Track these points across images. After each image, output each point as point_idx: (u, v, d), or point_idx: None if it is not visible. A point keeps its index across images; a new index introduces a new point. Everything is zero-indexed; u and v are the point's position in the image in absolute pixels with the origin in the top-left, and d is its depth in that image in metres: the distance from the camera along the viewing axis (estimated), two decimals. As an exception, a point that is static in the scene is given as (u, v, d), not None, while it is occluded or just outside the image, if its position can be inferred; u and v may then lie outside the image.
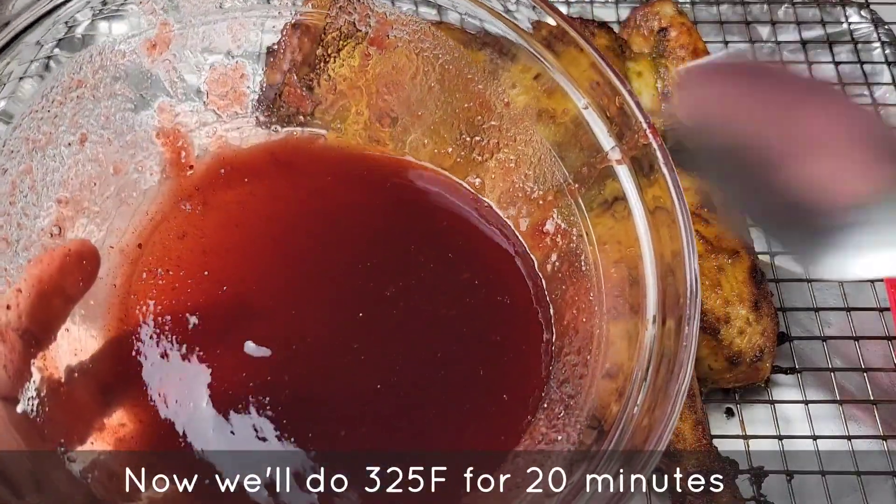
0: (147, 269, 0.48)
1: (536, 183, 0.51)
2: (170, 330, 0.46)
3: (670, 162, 0.42)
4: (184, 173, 0.52)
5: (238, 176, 0.52)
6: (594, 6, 0.82)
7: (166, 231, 0.49)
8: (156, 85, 0.51)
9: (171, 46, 0.50)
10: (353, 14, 0.51)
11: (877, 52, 0.79)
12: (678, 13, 0.67)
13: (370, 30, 0.52)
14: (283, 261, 0.49)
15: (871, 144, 0.33)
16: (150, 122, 0.51)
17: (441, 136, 0.53)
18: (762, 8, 0.82)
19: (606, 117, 0.46)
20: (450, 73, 0.52)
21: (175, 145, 0.52)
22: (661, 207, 0.42)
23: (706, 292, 0.54)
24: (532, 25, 0.47)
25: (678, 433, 0.50)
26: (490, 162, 0.52)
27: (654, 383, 0.38)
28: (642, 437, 0.37)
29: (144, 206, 0.50)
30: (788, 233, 0.38)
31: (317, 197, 0.51)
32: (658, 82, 0.65)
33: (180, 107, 0.52)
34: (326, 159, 0.54)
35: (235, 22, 0.52)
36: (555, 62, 0.48)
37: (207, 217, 0.50)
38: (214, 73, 0.53)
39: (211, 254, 0.48)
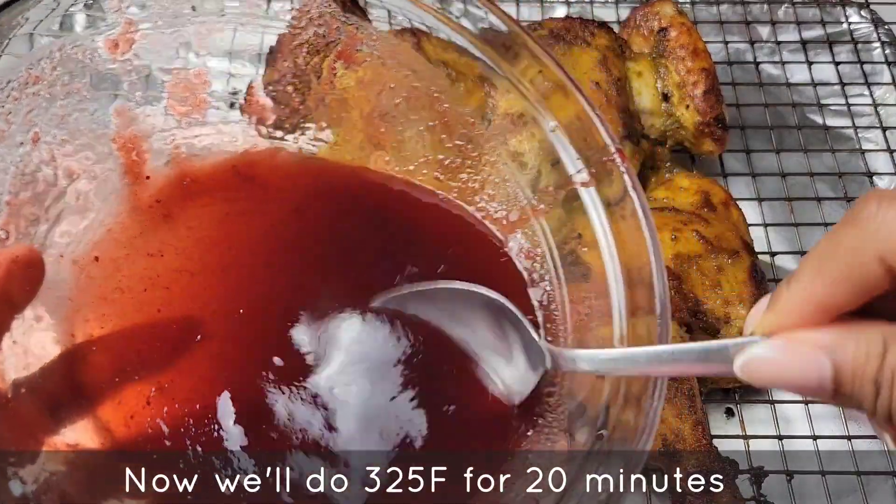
0: (104, 282, 0.46)
1: (501, 204, 0.51)
2: (125, 346, 0.44)
3: (638, 185, 0.42)
4: (141, 182, 0.50)
5: (200, 189, 0.50)
6: (594, 6, 0.82)
7: (125, 243, 0.48)
8: (115, 86, 0.49)
9: (134, 47, 0.48)
10: (322, 27, 0.51)
11: (877, 52, 0.79)
12: (678, 13, 0.67)
13: (339, 44, 0.51)
14: (247, 279, 0.47)
15: None
16: (106, 125, 0.49)
17: (404, 153, 0.53)
18: (762, 8, 0.82)
19: (574, 140, 0.45)
20: (417, 90, 0.51)
21: (132, 151, 0.50)
22: (629, 230, 0.41)
23: (706, 292, 0.54)
24: (506, 51, 0.47)
25: (678, 433, 0.50)
26: (453, 182, 0.52)
27: (627, 400, 0.38)
28: (625, 437, 0.37)
29: (100, 215, 0.48)
30: None
31: (280, 212, 0.50)
32: (658, 82, 0.65)
33: (139, 111, 0.50)
34: (289, 173, 0.52)
35: (203, 27, 0.50)
36: (524, 86, 0.47)
37: (169, 231, 0.48)
38: (177, 77, 0.51)
39: (172, 269, 0.47)
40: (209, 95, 0.52)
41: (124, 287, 0.46)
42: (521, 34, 0.45)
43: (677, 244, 0.55)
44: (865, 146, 0.73)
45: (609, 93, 0.60)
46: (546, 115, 0.46)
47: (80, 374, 0.43)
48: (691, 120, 0.64)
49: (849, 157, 0.72)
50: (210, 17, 0.50)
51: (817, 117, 0.75)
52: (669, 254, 0.54)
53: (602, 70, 0.61)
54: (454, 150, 0.51)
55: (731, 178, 0.70)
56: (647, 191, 0.63)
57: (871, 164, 0.72)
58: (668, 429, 0.50)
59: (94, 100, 0.48)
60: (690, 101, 0.64)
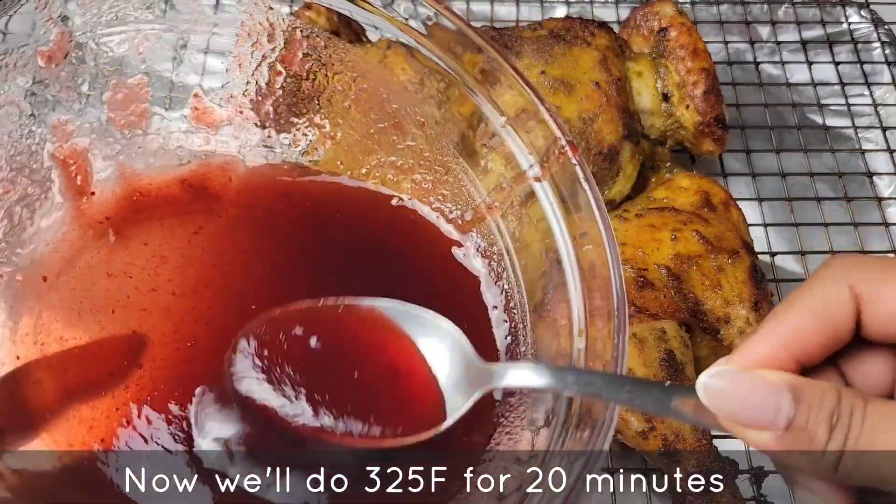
0: (53, 302, 0.46)
1: (455, 203, 0.50)
2: (73, 369, 0.44)
3: (590, 176, 0.42)
4: (85, 199, 0.49)
5: (151, 204, 0.50)
6: (594, 6, 0.82)
7: (75, 262, 0.47)
8: (51, 98, 0.47)
9: (70, 57, 0.47)
10: (265, 31, 0.50)
11: (877, 52, 0.79)
12: (678, 13, 0.67)
13: (280, 47, 0.50)
14: (207, 295, 0.47)
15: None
16: (43, 139, 0.47)
17: (356, 156, 0.52)
18: (762, 8, 0.82)
19: (525, 135, 0.45)
20: (366, 92, 0.51)
21: (71, 166, 0.48)
22: (584, 220, 0.41)
23: (706, 292, 0.54)
24: (456, 49, 0.47)
25: (678, 433, 0.50)
26: (405, 183, 0.52)
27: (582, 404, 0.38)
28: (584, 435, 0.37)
29: (45, 234, 0.47)
30: None
31: (232, 224, 0.50)
32: (658, 82, 0.65)
33: (77, 123, 0.48)
34: (239, 183, 0.52)
35: (140, 34, 0.49)
36: (472, 81, 0.46)
37: (121, 249, 0.48)
38: (117, 89, 0.49)
39: (125, 287, 0.46)
40: (151, 105, 0.51)
41: (74, 307, 0.46)
42: (469, 31, 0.45)
43: (677, 244, 0.55)
44: (865, 146, 0.73)
45: (609, 93, 0.60)
46: (495, 110, 0.46)
47: (23, 398, 0.43)
48: (691, 120, 0.64)
49: (849, 157, 0.73)
50: (150, 25, 0.49)
51: (817, 117, 0.75)
52: (669, 254, 0.54)
53: (602, 70, 0.61)
54: (406, 151, 0.51)
55: (731, 178, 0.70)
56: (647, 191, 0.63)
57: (871, 164, 0.72)
58: (668, 429, 0.50)
59: (29, 113, 0.46)
60: (690, 101, 0.64)
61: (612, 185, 0.61)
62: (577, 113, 0.59)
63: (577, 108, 0.59)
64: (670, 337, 0.52)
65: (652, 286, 0.53)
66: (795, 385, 0.29)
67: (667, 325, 0.53)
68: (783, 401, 0.29)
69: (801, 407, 0.29)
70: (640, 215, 0.58)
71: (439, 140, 0.50)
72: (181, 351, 0.45)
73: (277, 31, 0.50)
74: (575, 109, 0.59)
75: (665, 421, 0.50)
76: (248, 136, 0.53)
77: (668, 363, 0.51)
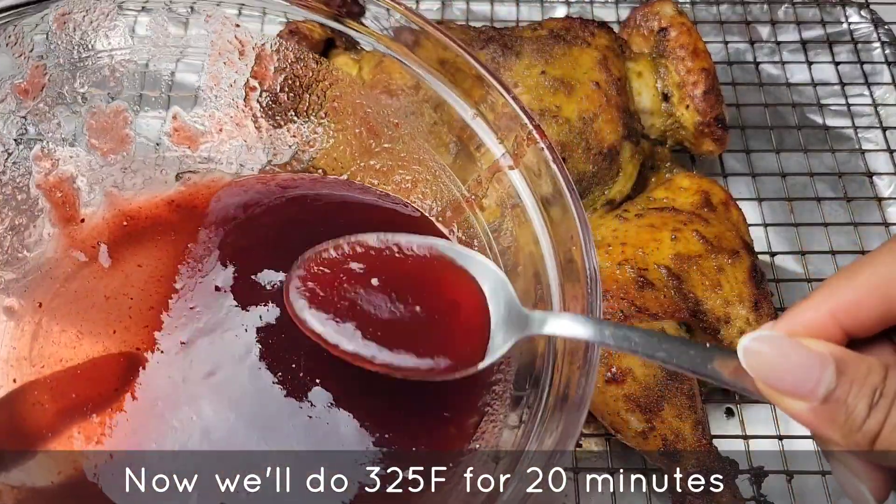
0: (50, 326, 0.47)
1: (435, 200, 0.51)
2: (73, 389, 0.45)
3: (559, 158, 0.42)
4: (75, 225, 0.50)
5: (141, 227, 0.51)
6: (594, 6, 0.82)
7: (70, 287, 0.48)
8: (32, 130, 0.48)
9: (45, 90, 0.48)
10: (235, 49, 0.51)
11: (877, 52, 0.79)
12: (678, 13, 0.67)
13: (252, 64, 0.51)
14: (204, 310, 0.48)
15: None
16: (28, 170, 0.48)
17: (335, 160, 0.53)
18: (762, 8, 0.82)
19: (495, 125, 0.45)
20: (340, 99, 0.52)
21: (58, 195, 0.50)
22: (556, 203, 0.42)
23: (706, 292, 0.54)
24: (414, 40, 0.47)
25: (678, 433, 0.50)
26: (387, 185, 0.52)
27: (559, 386, 0.38)
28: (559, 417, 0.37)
29: (38, 261, 0.48)
30: None
31: (224, 239, 0.50)
32: (658, 82, 0.65)
33: (60, 153, 0.50)
34: (227, 197, 0.53)
35: (114, 61, 0.50)
36: (439, 74, 0.47)
37: (117, 271, 0.49)
38: (96, 117, 0.50)
39: (124, 308, 0.47)
40: (132, 130, 0.52)
41: (71, 331, 0.46)
42: (427, 26, 0.46)
43: (677, 244, 0.55)
44: (865, 146, 0.73)
45: (609, 93, 0.60)
46: (464, 103, 0.47)
47: (27, 416, 0.44)
48: (691, 120, 0.64)
49: (849, 156, 0.73)
50: (122, 51, 0.50)
51: (817, 117, 0.75)
52: (669, 254, 0.54)
53: (602, 70, 0.61)
54: (383, 153, 0.52)
55: (731, 178, 0.70)
56: (647, 191, 0.63)
57: (871, 164, 0.72)
58: (668, 429, 0.50)
59: (13, 146, 0.48)
60: (690, 101, 0.64)
61: (612, 185, 0.61)
62: (577, 113, 0.59)
63: (577, 108, 0.59)
64: (670, 337, 0.52)
65: (652, 286, 0.53)
66: (840, 357, 0.29)
67: (667, 325, 0.53)
68: (826, 372, 0.28)
69: (843, 380, 0.28)
70: (640, 215, 0.58)
71: (414, 138, 0.51)
72: (181, 367, 0.45)
73: (247, 49, 0.51)
74: (575, 109, 0.59)
75: (665, 421, 0.50)
76: (228, 152, 0.54)
77: (668, 363, 0.51)
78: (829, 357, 0.29)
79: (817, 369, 0.29)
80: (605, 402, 0.51)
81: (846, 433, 0.28)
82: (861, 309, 0.30)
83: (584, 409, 0.36)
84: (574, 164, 0.58)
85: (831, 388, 0.28)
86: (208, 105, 0.53)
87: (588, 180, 0.59)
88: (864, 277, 0.30)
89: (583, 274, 0.39)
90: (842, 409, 0.28)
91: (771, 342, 0.30)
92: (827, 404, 0.28)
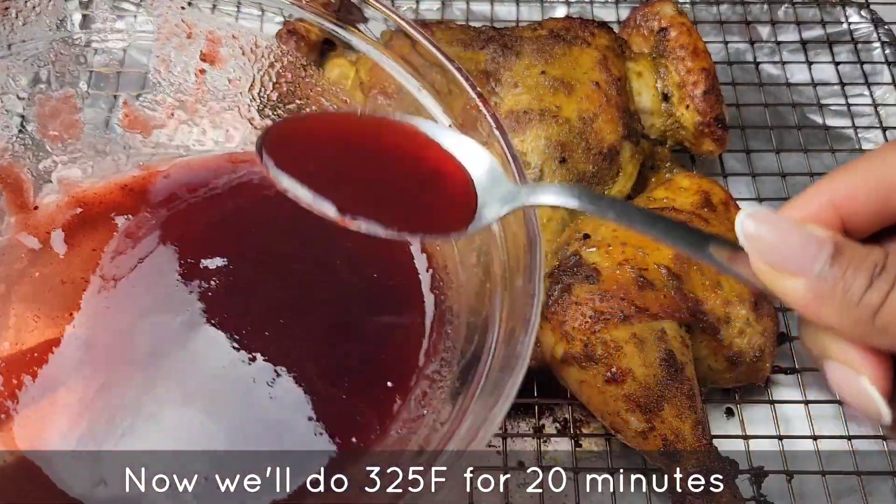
0: (7, 311, 0.48)
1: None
2: (29, 371, 0.45)
3: (502, 125, 0.43)
4: (28, 214, 0.51)
5: (96, 212, 0.52)
6: (594, 6, 0.82)
7: (27, 274, 0.49)
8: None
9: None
10: (183, 31, 0.51)
11: (877, 52, 0.79)
12: (678, 13, 0.67)
13: (202, 47, 0.51)
14: (162, 291, 0.49)
15: None
16: None
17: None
18: (762, 8, 0.82)
19: (439, 95, 0.46)
20: (289, 82, 0.52)
21: (8, 182, 0.50)
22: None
23: (706, 292, 0.54)
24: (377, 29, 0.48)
25: (678, 433, 0.50)
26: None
27: (507, 343, 0.39)
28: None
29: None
30: None
31: (179, 218, 0.52)
32: (658, 82, 0.65)
33: (6, 140, 0.50)
34: (178, 180, 0.54)
35: (62, 45, 0.50)
36: (384, 49, 0.47)
37: (74, 256, 0.50)
38: (42, 104, 0.50)
39: (80, 291, 0.48)
40: (81, 116, 0.52)
41: (31, 313, 0.48)
42: (400, 22, 0.47)
43: (677, 244, 0.55)
44: (865, 146, 0.73)
45: (609, 93, 0.60)
46: (410, 77, 0.47)
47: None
48: (691, 120, 0.64)
49: (849, 157, 0.72)
50: (68, 35, 0.50)
51: (817, 117, 0.75)
52: (669, 254, 0.54)
53: (602, 70, 0.61)
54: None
55: (731, 178, 0.70)
56: (647, 191, 0.63)
57: (871, 164, 0.72)
58: (668, 429, 0.50)
59: None
60: (690, 101, 0.64)
61: (612, 184, 0.61)
62: (577, 113, 0.59)
63: (577, 108, 0.59)
64: (670, 337, 0.52)
65: (652, 286, 0.53)
66: (839, 239, 0.29)
67: (667, 325, 0.53)
68: (824, 247, 0.28)
69: (841, 259, 0.28)
70: (640, 215, 0.58)
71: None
72: (140, 349, 0.47)
73: (195, 31, 0.51)
74: (575, 109, 0.59)
75: (665, 421, 0.50)
76: (181, 137, 0.55)
77: (668, 363, 0.51)
78: (825, 236, 0.29)
79: (814, 244, 0.29)
80: (604, 402, 0.51)
81: (845, 308, 0.28)
82: (859, 200, 0.30)
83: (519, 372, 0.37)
84: (574, 164, 0.58)
85: (828, 261, 0.28)
86: (158, 91, 0.53)
87: (588, 180, 0.59)
88: (866, 169, 0.30)
89: (524, 236, 0.40)
90: (839, 283, 0.28)
91: (767, 219, 0.30)
92: (823, 280, 0.28)
